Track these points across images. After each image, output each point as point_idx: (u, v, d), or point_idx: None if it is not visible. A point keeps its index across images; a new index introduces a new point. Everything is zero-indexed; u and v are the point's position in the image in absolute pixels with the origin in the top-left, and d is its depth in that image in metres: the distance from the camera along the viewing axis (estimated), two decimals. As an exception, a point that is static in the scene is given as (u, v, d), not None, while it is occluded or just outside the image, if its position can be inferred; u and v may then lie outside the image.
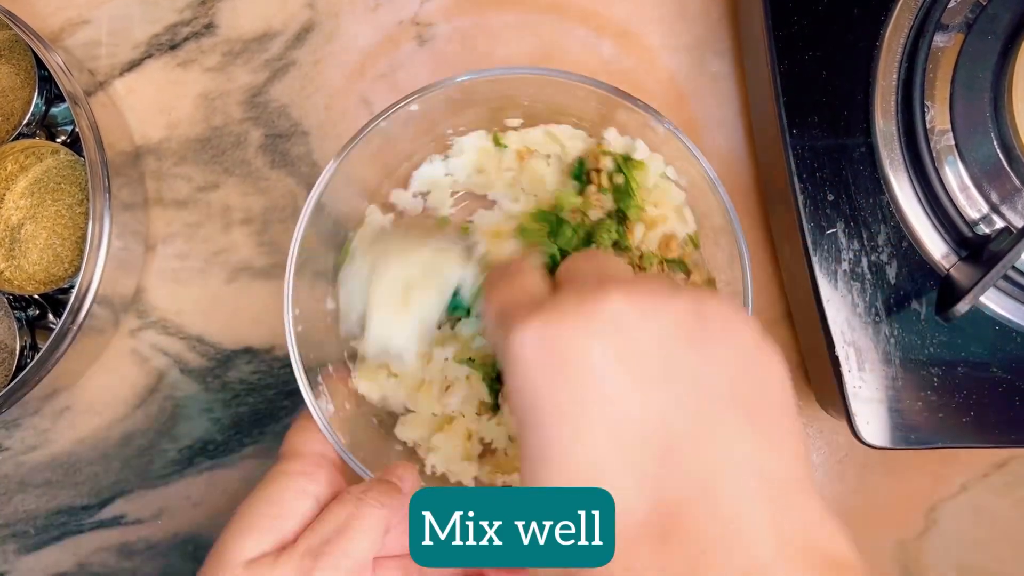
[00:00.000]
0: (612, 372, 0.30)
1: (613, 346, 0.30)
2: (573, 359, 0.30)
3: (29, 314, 0.56)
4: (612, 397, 0.30)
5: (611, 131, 0.50)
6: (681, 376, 0.30)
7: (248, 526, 0.38)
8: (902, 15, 0.49)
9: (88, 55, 0.59)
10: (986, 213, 0.48)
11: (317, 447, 0.43)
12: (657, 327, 0.30)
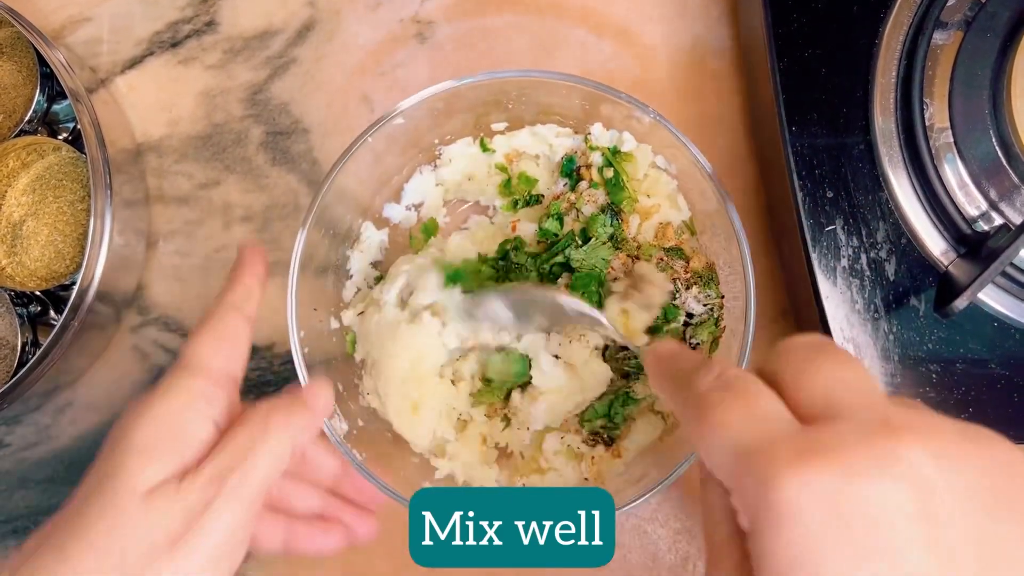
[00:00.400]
0: (914, 538, 0.25)
1: (914, 505, 0.25)
2: (868, 519, 0.25)
3: (31, 310, 0.56)
4: (915, 567, 0.25)
5: (596, 126, 0.51)
6: (991, 546, 0.25)
7: (146, 449, 0.36)
8: (901, 13, 0.49)
9: (90, 52, 0.59)
10: (985, 210, 0.48)
11: (223, 362, 0.40)
12: (963, 483, 0.25)
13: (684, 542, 0.55)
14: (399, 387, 0.48)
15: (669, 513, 0.55)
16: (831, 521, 0.25)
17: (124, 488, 0.35)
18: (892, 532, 0.25)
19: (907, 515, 0.25)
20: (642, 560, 0.55)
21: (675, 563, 0.55)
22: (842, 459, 0.25)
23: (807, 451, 0.26)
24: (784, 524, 0.25)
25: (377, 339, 0.49)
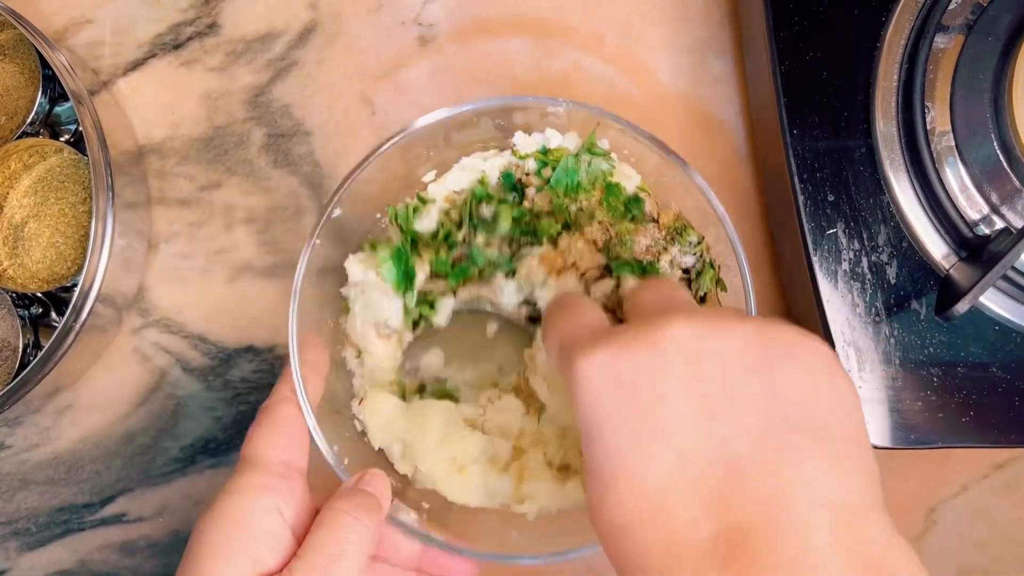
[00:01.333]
0: (677, 398, 0.30)
1: (677, 372, 0.31)
2: (639, 385, 0.31)
3: (32, 312, 0.56)
4: (678, 422, 0.30)
5: (517, 135, 0.50)
6: (745, 401, 0.30)
7: (220, 549, 0.37)
8: (903, 16, 0.49)
9: (92, 54, 0.59)
10: (986, 214, 0.48)
11: (282, 454, 0.41)
12: (721, 353, 0.31)
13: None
14: (436, 453, 0.47)
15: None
16: (611, 387, 0.31)
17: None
18: (658, 391, 0.30)
19: (670, 379, 0.31)
20: None
21: None
22: (622, 339, 0.32)
23: (600, 338, 0.32)
24: (579, 392, 0.32)
25: (393, 423, 0.48)
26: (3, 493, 0.58)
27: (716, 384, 0.30)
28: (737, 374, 0.31)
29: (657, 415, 0.30)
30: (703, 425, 0.30)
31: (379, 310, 0.48)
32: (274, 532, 0.38)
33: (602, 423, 0.31)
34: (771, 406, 0.30)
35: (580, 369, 0.32)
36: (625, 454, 0.31)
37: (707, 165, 0.58)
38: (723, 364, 0.31)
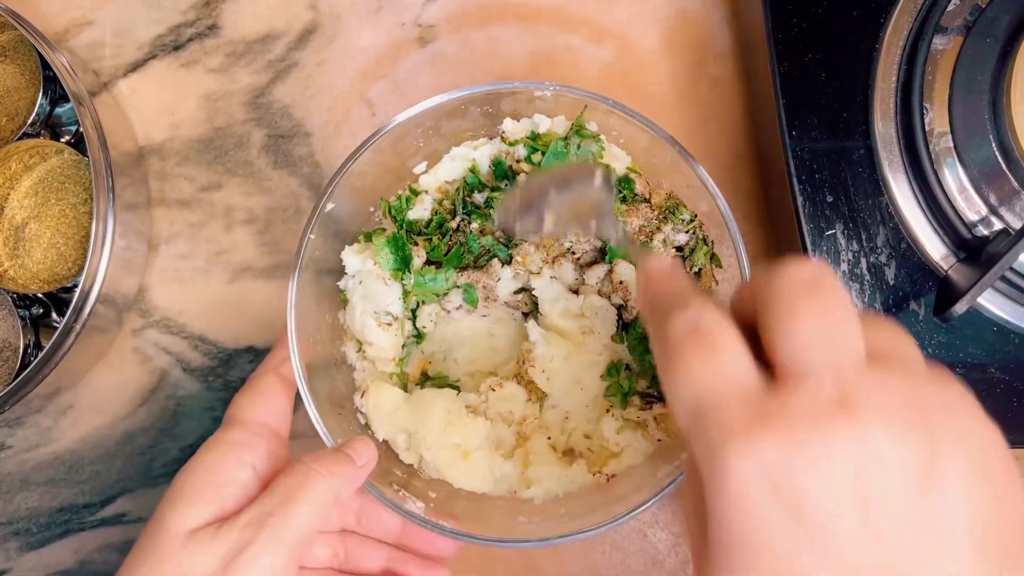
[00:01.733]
0: (857, 519, 0.25)
1: (859, 484, 0.25)
2: (811, 499, 0.25)
3: (33, 313, 0.56)
4: (856, 550, 0.25)
5: (506, 121, 0.50)
6: (918, 523, 0.25)
7: (187, 496, 0.38)
8: (901, 18, 0.49)
9: (92, 56, 0.59)
10: (985, 215, 0.48)
11: (262, 415, 0.42)
12: (912, 457, 0.25)
13: (685, 546, 0.55)
14: (440, 440, 0.48)
15: (670, 517, 0.55)
16: (771, 495, 0.25)
17: (165, 531, 0.37)
18: (831, 510, 0.25)
19: (851, 494, 0.25)
20: (642, 564, 0.55)
21: (676, 567, 0.55)
22: (790, 434, 0.25)
23: (755, 420, 0.26)
24: (727, 493, 0.26)
25: (396, 414, 0.49)
26: (4, 493, 0.58)
27: (892, 503, 0.25)
28: (913, 492, 0.25)
29: (830, 540, 0.25)
30: (870, 547, 0.25)
31: (378, 298, 0.49)
32: (242, 483, 0.39)
33: (756, 538, 0.26)
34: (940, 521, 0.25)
35: (732, 466, 0.25)
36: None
37: (706, 166, 0.57)
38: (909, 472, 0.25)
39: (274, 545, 0.37)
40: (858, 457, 0.25)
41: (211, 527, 0.37)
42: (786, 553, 0.25)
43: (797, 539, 0.25)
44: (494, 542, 0.44)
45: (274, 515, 0.37)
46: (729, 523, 0.26)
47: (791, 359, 0.27)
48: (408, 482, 0.48)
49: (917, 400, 0.26)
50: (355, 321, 0.49)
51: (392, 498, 0.44)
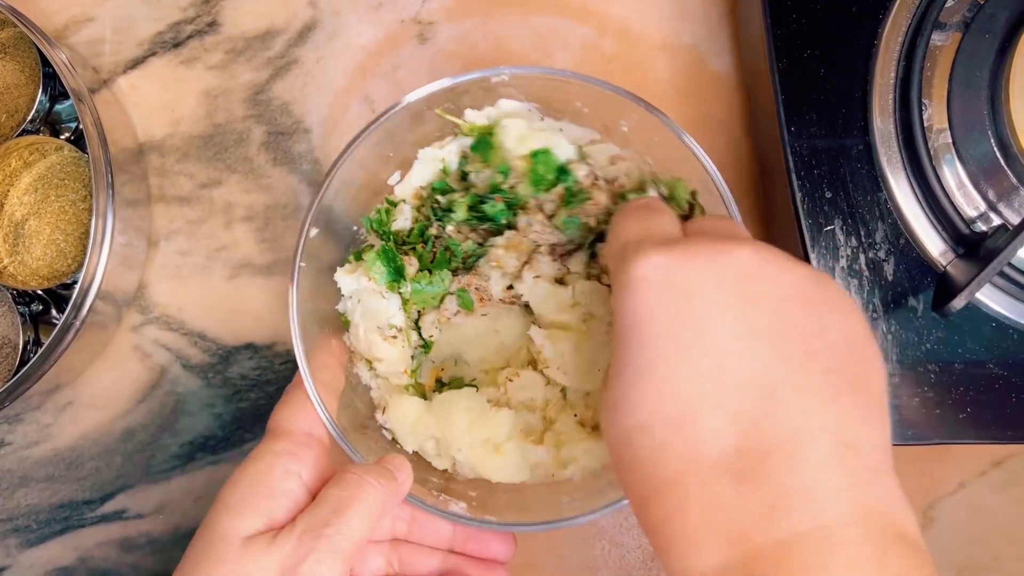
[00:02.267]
0: (728, 314, 0.31)
1: (734, 291, 0.31)
2: (695, 293, 0.31)
3: (32, 309, 0.56)
4: (723, 337, 0.31)
5: (467, 112, 0.49)
6: (792, 333, 0.31)
7: (239, 504, 0.39)
8: (900, 14, 0.49)
9: (92, 52, 0.60)
10: (983, 211, 0.48)
11: (304, 425, 0.43)
12: (778, 283, 0.32)
13: (683, 542, 0.55)
14: (469, 438, 0.47)
15: (668, 513, 0.55)
16: (665, 288, 0.31)
17: (220, 538, 0.38)
18: (712, 303, 0.31)
19: (726, 296, 0.31)
20: (640, 559, 0.55)
21: (674, 563, 0.55)
22: (689, 248, 0.32)
23: (665, 243, 0.33)
24: (630, 288, 0.32)
25: (420, 423, 0.49)
26: (3, 490, 0.58)
27: (768, 311, 0.31)
28: (790, 305, 0.31)
29: (705, 325, 0.31)
30: (748, 345, 0.31)
31: (379, 313, 0.48)
32: (290, 492, 0.40)
33: (645, 320, 0.31)
34: (815, 344, 0.31)
35: (637, 266, 0.32)
36: (663, 354, 0.31)
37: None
38: (779, 294, 0.31)
39: (330, 555, 0.37)
40: (740, 269, 0.31)
41: (266, 535, 0.38)
42: (670, 332, 0.31)
43: (682, 323, 0.31)
44: (542, 526, 0.44)
45: (329, 525, 0.38)
46: (626, 315, 0.32)
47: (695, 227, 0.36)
48: (446, 486, 0.48)
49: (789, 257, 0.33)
50: (360, 340, 0.49)
51: (434, 504, 0.44)
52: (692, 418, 0.30)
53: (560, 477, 0.48)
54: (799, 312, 0.31)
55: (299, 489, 0.40)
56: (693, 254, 0.32)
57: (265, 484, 0.39)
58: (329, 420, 0.44)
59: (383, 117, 0.47)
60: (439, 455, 0.49)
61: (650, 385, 0.31)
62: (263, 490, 0.39)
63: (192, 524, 0.57)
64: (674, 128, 0.44)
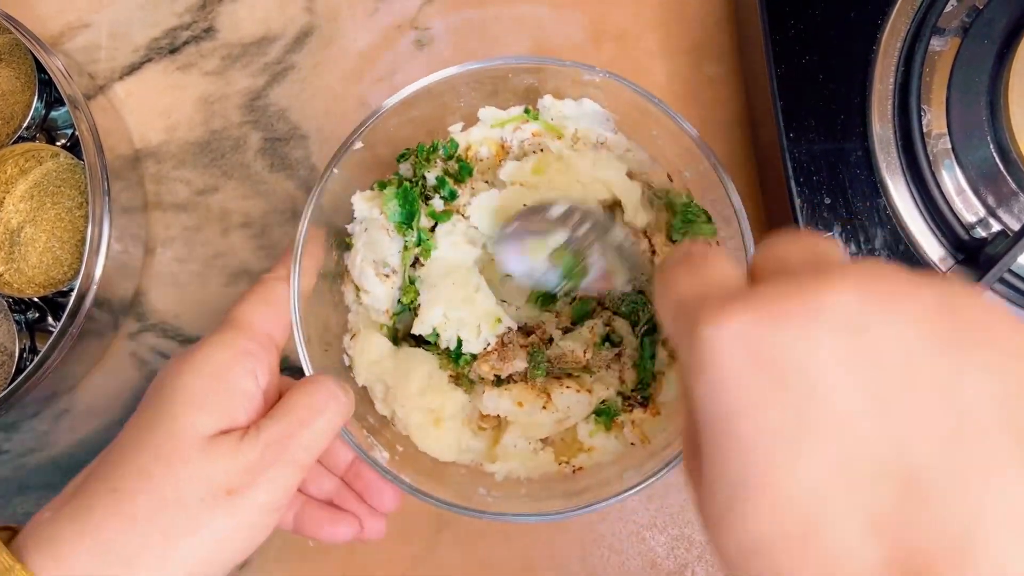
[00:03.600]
0: (843, 384, 0.23)
1: (843, 350, 0.23)
2: (791, 366, 0.24)
3: (29, 317, 0.56)
4: (843, 415, 0.23)
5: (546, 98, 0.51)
6: (932, 392, 0.23)
7: (199, 399, 0.38)
8: (899, 19, 0.49)
9: (88, 59, 0.59)
10: (983, 216, 0.48)
11: (267, 325, 0.42)
12: (897, 327, 0.24)
13: (682, 549, 0.55)
14: (418, 402, 0.48)
15: (667, 520, 0.55)
16: (750, 366, 0.24)
17: (183, 433, 0.37)
18: (817, 374, 0.24)
19: (834, 359, 0.23)
20: (640, 566, 0.55)
21: (673, 570, 0.55)
22: (767, 305, 0.24)
23: (735, 299, 0.25)
24: (705, 371, 0.25)
25: (379, 364, 0.49)
26: (0, 498, 0.57)
27: (891, 369, 0.23)
28: (918, 357, 0.23)
29: (813, 406, 0.24)
30: (873, 422, 0.23)
31: (380, 248, 0.49)
32: (248, 393, 0.39)
33: (736, 413, 0.24)
34: (960, 399, 0.23)
35: (708, 339, 0.24)
36: (768, 455, 0.24)
37: (704, 168, 0.58)
38: (901, 343, 0.23)
39: (291, 465, 0.38)
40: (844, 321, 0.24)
41: (230, 437, 0.37)
42: (771, 426, 0.24)
43: (784, 411, 0.24)
44: (450, 506, 0.45)
45: (294, 437, 0.38)
46: (710, 405, 0.25)
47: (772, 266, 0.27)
48: (379, 431, 0.49)
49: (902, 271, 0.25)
50: (355, 266, 0.50)
51: (360, 443, 0.45)
52: (818, 533, 0.23)
53: (487, 469, 0.49)
54: (933, 355, 0.23)
55: (256, 390, 0.40)
56: (779, 313, 0.24)
57: (226, 380, 0.39)
58: (299, 328, 0.45)
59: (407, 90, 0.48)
60: (383, 401, 0.49)
61: (760, 499, 0.24)
62: (224, 387, 0.38)
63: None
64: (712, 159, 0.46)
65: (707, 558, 0.55)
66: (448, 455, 0.49)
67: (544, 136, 0.52)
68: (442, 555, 0.56)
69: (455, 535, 0.56)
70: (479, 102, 0.52)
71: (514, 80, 0.50)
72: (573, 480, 0.49)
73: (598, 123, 0.52)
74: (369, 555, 0.55)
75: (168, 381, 0.39)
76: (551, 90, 0.51)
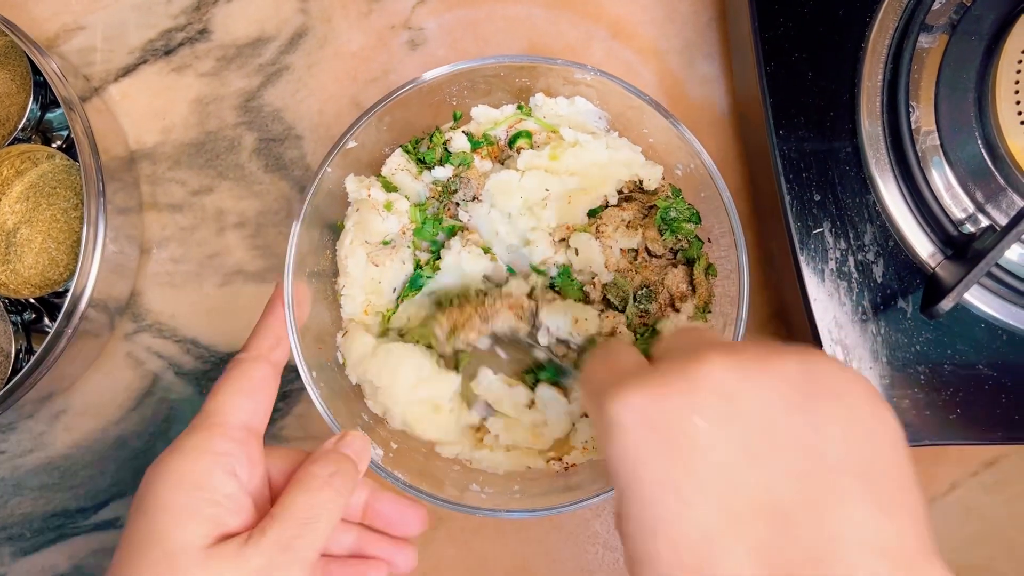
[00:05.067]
0: (718, 441, 0.29)
1: (717, 414, 0.29)
2: (677, 429, 0.29)
3: (25, 318, 0.56)
4: (720, 466, 0.29)
5: (538, 96, 0.52)
6: (790, 443, 0.29)
7: (185, 511, 0.37)
8: (887, 16, 0.50)
9: (83, 61, 0.60)
10: (971, 212, 0.48)
11: (243, 415, 0.41)
12: (762, 391, 0.30)
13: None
14: (413, 395, 0.48)
15: (661, 516, 0.56)
16: (646, 430, 0.30)
17: (178, 552, 0.36)
18: (698, 434, 0.29)
19: (710, 421, 0.29)
20: (635, 563, 0.55)
21: (668, 566, 0.55)
22: (655, 382, 0.30)
23: (633, 381, 0.31)
24: (612, 437, 0.31)
25: (372, 361, 0.49)
26: (-3, 498, 0.58)
27: (756, 425, 0.29)
28: (778, 413, 0.29)
29: (695, 461, 0.29)
30: (745, 470, 0.29)
31: (370, 228, 0.50)
32: (233, 495, 0.38)
33: (637, 473, 0.30)
34: (814, 446, 0.29)
35: (612, 414, 0.30)
36: (663, 505, 0.29)
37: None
38: (763, 403, 0.29)
39: (299, 565, 0.37)
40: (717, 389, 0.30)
41: (230, 544, 0.36)
42: (664, 479, 0.29)
43: (673, 465, 0.29)
44: (443, 503, 0.45)
45: (300, 537, 0.37)
46: (618, 466, 0.31)
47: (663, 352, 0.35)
48: (372, 428, 0.49)
49: (765, 346, 0.31)
50: (344, 247, 0.51)
51: None
52: (711, 562, 0.28)
53: (473, 454, 0.50)
54: (790, 417, 0.29)
55: (240, 491, 0.39)
56: (663, 385, 0.30)
57: (207, 488, 0.38)
58: (295, 338, 0.45)
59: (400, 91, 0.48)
60: (373, 399, 0.50)
61: (660, 539, 0.29)
62: (207, 495, 0.37)
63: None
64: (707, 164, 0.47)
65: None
66: (451, 435, 0.49)
67: (538, 133, 0.52)
68: (437, 552, 0.56)
69: (450, 532, 0.56)
70: (472, 101, 0.53)
71: (507, 79, 0.51)
72: (566, 477, 0.49)
73: (591, 121, 0.53)
74: (364, 553, 0.55)
75: (150, 497, 0.37)
76: (542, 88, 0.52)
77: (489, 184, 0.50)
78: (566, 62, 0.48)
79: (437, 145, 0.52)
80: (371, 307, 0.51)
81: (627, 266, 0.51)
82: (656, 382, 0.30)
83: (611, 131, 0.53)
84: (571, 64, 0.48)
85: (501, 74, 0.50)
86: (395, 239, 0.51)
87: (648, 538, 0.29)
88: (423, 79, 0.48)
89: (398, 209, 0.51)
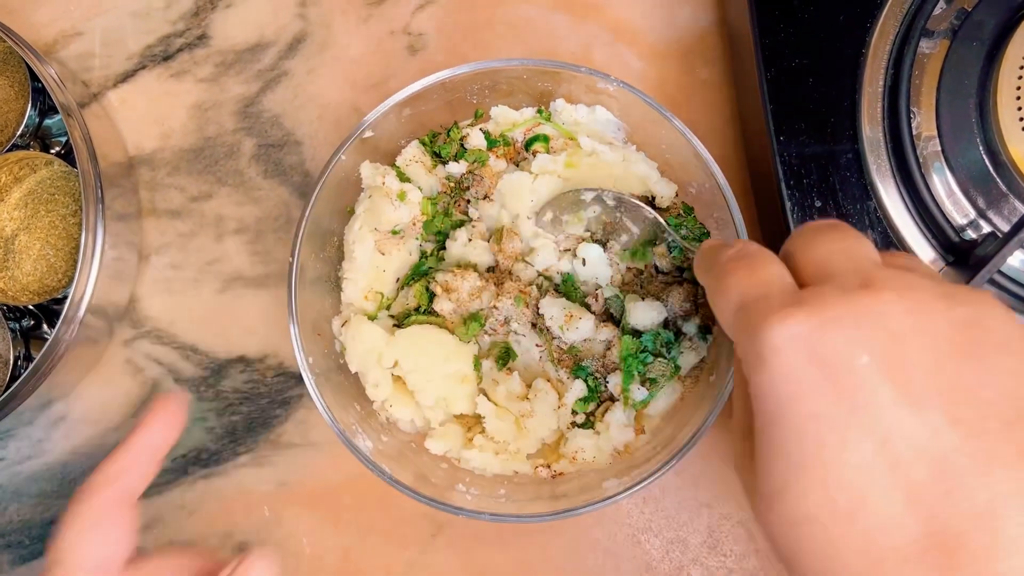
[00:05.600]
0: (883, 382, 0.28)
1: (885, 352, 0.28)
2: (842, 364, 0.28)
3: (23, 325, 0.56)
4: (883, 406, 0.27)
5: (559, 101, 0.52)
6: (958, 390, 0.28)
7: None
8: (888, 22, 0.50)
9: (82, 67, 0.60)
10: (973, 218, 0.48)
11: (96, 552, 0.37)
12: (932, 335, 0.28)
13: (677, 552, 0.55)
14: (446, 369, 0.49)
15: (663, 523, 0.55)
16: (806, 362, 0.28)
17: None
18: (863, 372, 0.28)
19: (878, 360, 0.28)
20: (635, 569, 0.55)
21: (669, 573, 0.55)
22: (820, 310, 0.29)
23: (791, 304, 0.29)
24: (766, 365, 0.29)
25: (394, 348, 0.49)
26: (-4, 505, 0.58)
27: (923, 368, 0.28)
28: (946, 358, 0.28)
29: (861, 398, 0.27)
30: (911, 412, 0.27)
31: (381, 215, 0.50)
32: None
33: (792, 403, 0.28)
34: (982, 396, 0.28)
35: (770, 338, 0.28)
36: (820, 440, 0.28)
37: (696, 171, 0.58)
38: (932, 346, 0.28)
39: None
40: (887, 328, 0.28)
41: None
42: (823, 415, 0.28)
43: (834, 401, 0.28)
44: (426, 500, 0.45)
45: None
46: (768, 394, 0.29)
47: (817, 268, 0.32)
48: (364, 419, 0.49)
49: (936, 285, 0.29)
50: (352, 231, 0.51)
51: (344, 429, 0.46)
52: (864, 506, 0.27)
53: (462, 452, 0.50)
54: (960, 363, 0.28)
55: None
56: (831, 317, 0.28)
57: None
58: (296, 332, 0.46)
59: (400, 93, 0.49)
60: (377, 386, 0.50)
61: (812, 476, 0.28)
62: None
63: (185, 538, 0.57)
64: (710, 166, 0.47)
65: (702, 561, 0.55)
66: (472, 408, 0.50)
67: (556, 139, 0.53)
68: (437, 559, 0.56)
69: (449, 539, 0.56)
70: (493, 101, 0.53)
71: (530, 81, 0.51)
72: (552, 485, 0.49)
73: (610, 131, 0.53)
74: (364, 559, 0.55)
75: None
76: (563, 94, 0.52)
77: (501, 184, 0.51)
78: (590, 70, 0.48)
79: (454, 140, 0.52)
80: (371, 293, 0.51)
81: (632, 280, 0.51)
82: (821, 309, 0.28)
83: (628, 144, 0.53)
84: (595, 73, 0.48)
85: (524, 76, 0.50)
86: (404, 229, 0.51)
87: (795, 474, 0.28)
88: (459, 70, 0.48)
89: (411, 200, 0.51)
